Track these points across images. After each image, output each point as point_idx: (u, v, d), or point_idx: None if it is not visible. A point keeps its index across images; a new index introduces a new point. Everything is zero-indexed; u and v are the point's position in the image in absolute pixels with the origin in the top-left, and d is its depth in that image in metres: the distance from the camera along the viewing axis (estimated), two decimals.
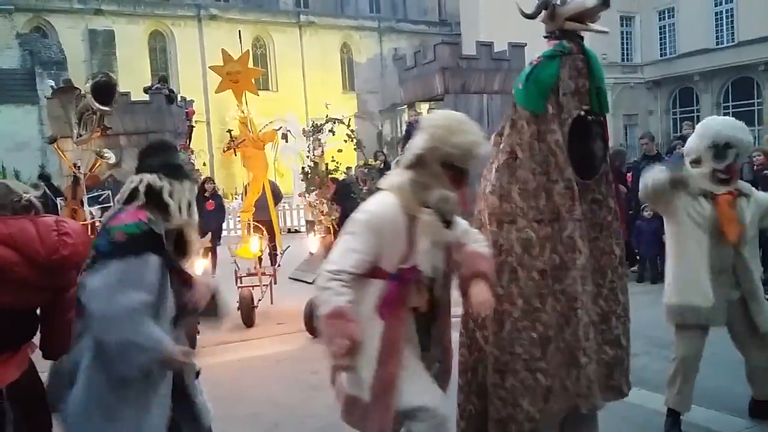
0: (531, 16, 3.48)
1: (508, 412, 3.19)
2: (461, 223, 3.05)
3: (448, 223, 2.88)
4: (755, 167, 8.88)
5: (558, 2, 3.37)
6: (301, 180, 10.83)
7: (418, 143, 2.83)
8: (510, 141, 3.34)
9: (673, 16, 34.86)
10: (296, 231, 18.50)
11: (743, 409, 4.35)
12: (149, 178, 2.79)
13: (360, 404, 2.81)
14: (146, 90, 16.00)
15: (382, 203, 2.81)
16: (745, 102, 32.10)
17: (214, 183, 13.24)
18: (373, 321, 2.77)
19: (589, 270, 3.31)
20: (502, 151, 3.38)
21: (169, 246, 2.83)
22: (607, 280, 3.43)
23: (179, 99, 17.30)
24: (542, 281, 3.23)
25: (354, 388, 2.84)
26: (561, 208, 3.26)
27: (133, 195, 2.79)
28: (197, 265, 7.19)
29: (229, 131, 9.02)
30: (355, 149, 11.23)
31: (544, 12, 3.40)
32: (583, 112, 3.31)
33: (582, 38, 3.44)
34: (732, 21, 31.79)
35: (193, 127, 17.71)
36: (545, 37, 3.45)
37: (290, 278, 10.64)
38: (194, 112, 18.23)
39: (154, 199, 2.78)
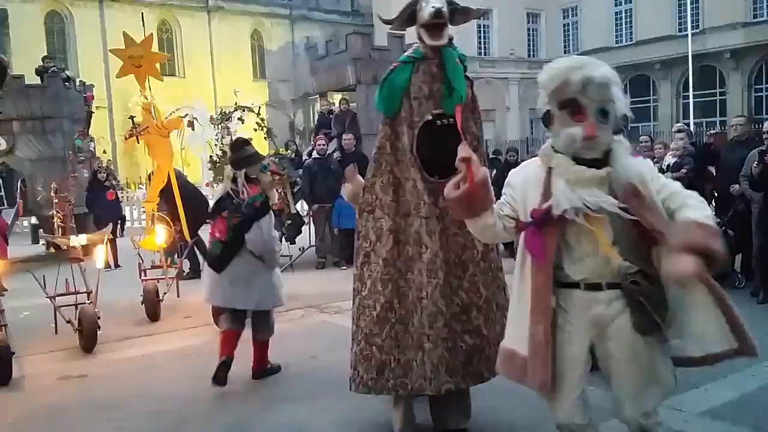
0: (389, 22, 3.72)
1: (351, 373, 3.76)
2: (667, 184, 2.74)
3: (592, 162, 2.63)
4: (654, 159, 9.32)
5: (419, 8, 3.54)
6: (209, 169, 10.57)
7: (538, 104, 2.77)
8: (378, 137, 3.72)
9: (576, 15, 36.25)
10: (206, 222, 18.03)
11: None
12: (251, 170, 5.09)
13: (518, 358, 2.73)
14: (38, 71, 15.10)
15: (523, 164, 2.96)
16: (642, 99, 33.78)
17: (106, 173, 12.68)
18: (522, 277, 2.77)
19: (437, 264, 3.54)
20: (375, 146, 3.74)
21: None
22: (468, 273, 3.67)
23: (78, 83, 16.48)
24: (385, 268, 3.63)
25: (512, 342, 2.78)
26: (410, 205, 3.60)
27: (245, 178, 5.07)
28: (97, 257, 6.91)
29: (132, 118, 8.65)
30: (265, 138, 11.06)
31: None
32: (431, 117, 3.53)
33: (449, 43, 3.59)
34: (631, 21, 33.37)
35: (92, 112, 16.95)
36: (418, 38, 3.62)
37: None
38: (93, 98, 17.43)
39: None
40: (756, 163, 6.88)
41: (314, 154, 11.15)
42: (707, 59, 29.39)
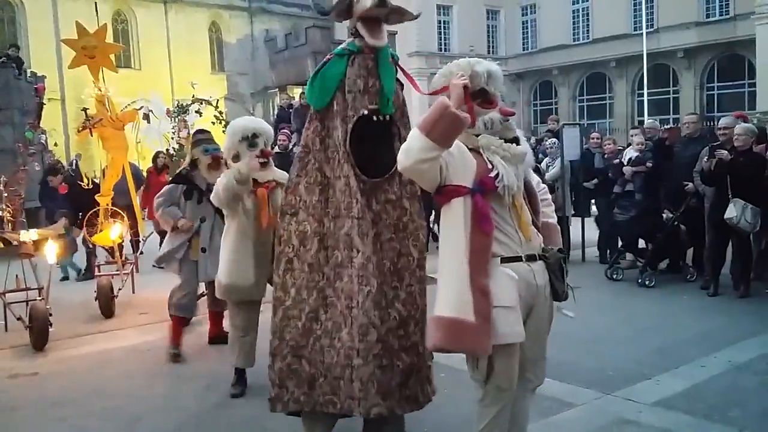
0: (325, 13, 3.60)
1: (276, 392, 3.48)
2: (534, 176, 3.15)
3: (511, 141, 2.91)
4: (605, 155, 9.50)
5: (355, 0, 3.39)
6: None
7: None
8: (305, 135, 3.50)
9: (534, 12, 36.67)
10: None
11: (593, 381, 4.67)
12: (194, 152, 5.59)
13: (468, 327, 2.67)
14: None
15: None
16: (598, 96, 34.42)
17: (63, 166, 12.38)
18: (459, 245, 2.74)
19: (369, 270, 3.25)
20: (300, 144, 3.55)
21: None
22: (404, 283, 3.40)
23: (29, 74, 16.02)
24: (310, 274, 3.38)
25: (455, 311, 2.69)
26: (341, 205, 3.35)
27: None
28: (49, 252, 6.74)
29: (85, 110, 8.45)
30: (223, 131, 10.89)
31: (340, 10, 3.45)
32: (366, 111, 3.37)
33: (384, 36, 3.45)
34: (588, 19, 33.92)
35: (43, 104, 16.51)
36: (350, 33, 3.46)
37: (154, 266, 10.15)
38: (45, 89, 16.97)
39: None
40: (706, 158, 7.05)
41: (276, 149, 10.99)
42: (661, 58, 30.06)
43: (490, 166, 2.80)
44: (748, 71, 28.25)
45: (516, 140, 2.95)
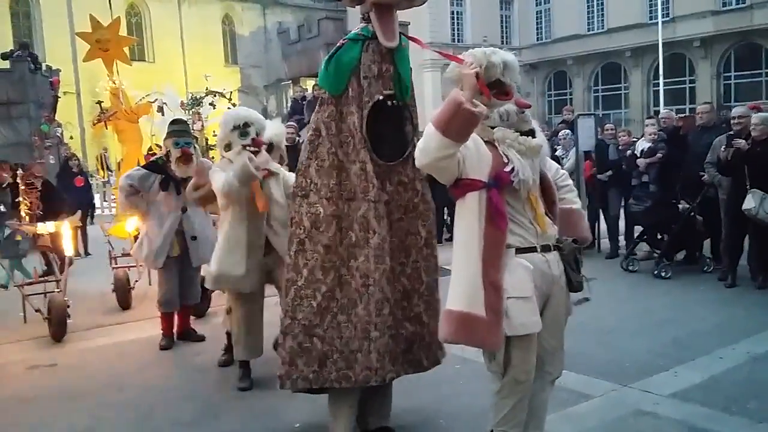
0: None
1: (285, 369, 3.50)
2: (552, 164, 3.20)
3: (527, 134, 2.91)
4: (620, 147, 9.42)
5: None
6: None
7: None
8: (316, 119, 3.50)
9: (548, 2, 36.37)
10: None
11: (609, 373, 4.65)
12: (168, 141, 5.65)
13: (479, 321, 2.73)
14: (5, 56, 14.76)
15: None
16: (613, 86, 34.11)
17: (79, 159, 12.45)
18: (473, 239, 2.76)
19: (385, 249, 3.41)
20: (309, 128, 3.57)
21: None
22: (410, 259, 3.57)
23: (44, 68, 16.11)
24: (326, 255, 3.44)
25: (467, 306, 2.74)
26: (356, 189, 3.42)
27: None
28: (66, 245, 6.79)
29: (100, 103, 8.51)
30: None
31: None
32: (382, 97, 3.39)
33: (405, 24, 3.48)
34: (602, 9, 33.60)
35: (58, 97, 16.62)
36: (362, 18, 3.45)
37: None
38: (59, 82, 17.08)
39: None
40: (723, 147, 6.97)
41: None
42: (677, 47, 29.72)
43: (505, 160, 2.80)
44: (765, 60, 27.90)
45: (532, 132, 2.93)
